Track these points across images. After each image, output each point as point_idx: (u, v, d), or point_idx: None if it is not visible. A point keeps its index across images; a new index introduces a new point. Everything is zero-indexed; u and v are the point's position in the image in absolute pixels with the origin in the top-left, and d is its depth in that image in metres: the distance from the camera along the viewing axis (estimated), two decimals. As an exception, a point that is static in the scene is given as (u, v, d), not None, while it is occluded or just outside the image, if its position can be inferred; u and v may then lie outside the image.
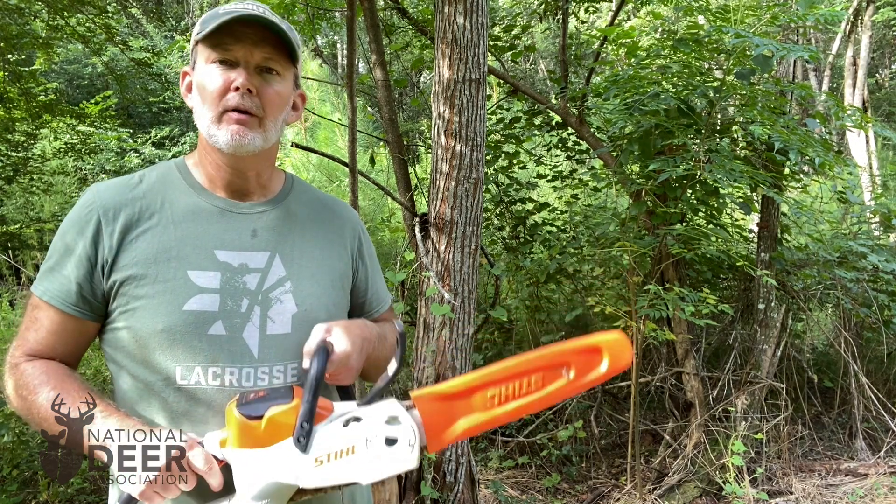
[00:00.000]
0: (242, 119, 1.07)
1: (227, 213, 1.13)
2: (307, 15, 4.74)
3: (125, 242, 1.06)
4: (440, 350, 2.77)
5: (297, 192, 1.25)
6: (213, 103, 1.07)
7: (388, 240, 5.84)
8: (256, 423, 0.89)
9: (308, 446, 0.89)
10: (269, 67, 1.09)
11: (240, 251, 1.11)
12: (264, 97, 1.08)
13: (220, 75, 1.07)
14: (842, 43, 10.16)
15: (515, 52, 4.74)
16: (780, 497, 3.48)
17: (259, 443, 0.89)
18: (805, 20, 3.35)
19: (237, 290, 1.08)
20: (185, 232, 1.09)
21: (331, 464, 0.89)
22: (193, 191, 1.13)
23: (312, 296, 1.15)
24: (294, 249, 1.16)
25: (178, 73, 1.20)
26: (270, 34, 1.07)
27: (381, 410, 0.94)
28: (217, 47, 1.07)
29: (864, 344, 4.54)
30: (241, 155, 1.09)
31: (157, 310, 1.03)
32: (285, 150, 6.24)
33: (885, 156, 10.79)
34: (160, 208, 1.10)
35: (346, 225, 1.28)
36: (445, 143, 2.70)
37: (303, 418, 0.89)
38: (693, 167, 3.36)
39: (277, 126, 1.13)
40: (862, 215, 4.74)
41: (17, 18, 5.09)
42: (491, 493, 3.50)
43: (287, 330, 1.10)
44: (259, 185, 1.17)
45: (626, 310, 3.50)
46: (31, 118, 5.73)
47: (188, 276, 1.06)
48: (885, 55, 17.86)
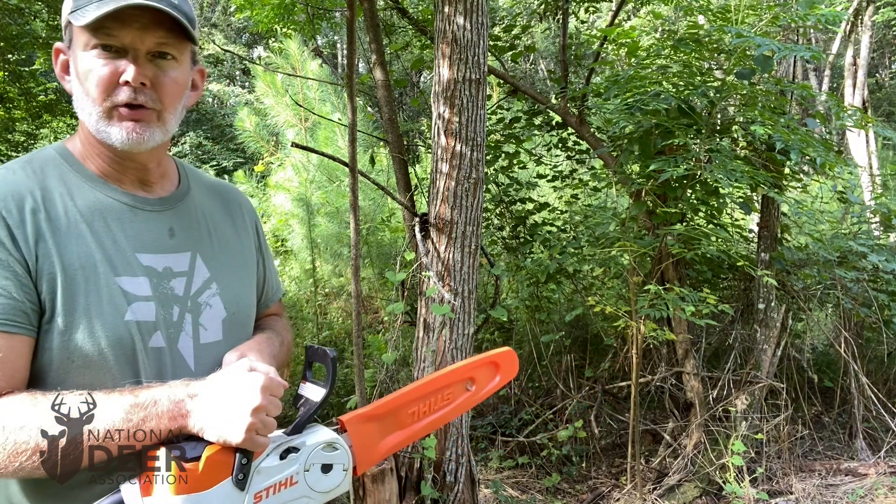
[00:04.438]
0: (137, 115, 0.94)
1: (137, 211, 1.01)
2: (307, 15, 4.74)
3: (39, 242, 0.91)
4: (440, 350, 2.77)
5: (193, 180, 1.14)
6: (100, 98, 0.93)
7: (388, 240, 5.83)
8: (194, 464, 0.82)
9: (248, 483, 0.85)
10: (162, 52, 0.95)
11: (161, 253, 1.00)
12: (161, 88, 0.95)
13: (106, 65, 0.92)
14: (842, 43, 10.16)
15: (515, 52, 4.74)
16: (780, 497, 3.48)
17: (197, 486, 0.82)
18: (806, 20, 3.34)
19: (167, 296, 0.98)
20: (100, 233, 0.96)
21: (269, 498, 0.88)
22: (91, 184, 0.99)
23: (238, 295, 1.09)
24: (212, 246, 1.08)
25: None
26: (161, 14, 0.92)
27: (317, 438, 0.93)
28: (98, 31, 0.91)
29: (864, 344, 4.54)
30: (138, 151, 0.97)
31: (95, 323, 0.91)
32: (285, 150, 6.23)
33: (885, 156, 10.79)
34: (61, 203, 0.95)
35: (245, 213, 1.21)
36: (445, 143, 2.70)
37: (242, 455, 0.85)
38: (693, 167, 3.36)
39: (177, 115, 1.01)
40: (862, 215, 4.74)
41: (17, 18, 5.09)
42: (491, 492, 3.50)
43: (219, 337, 1.04)
44: (160, 175, 1.06)
45: (626, 310, 3.50)
46: (31, 118, 5.73)
47: (119, 284, 0.94)
48: (885, 55, 17.86)
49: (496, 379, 1.16)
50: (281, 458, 0.89)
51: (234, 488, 0.84)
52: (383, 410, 1.03)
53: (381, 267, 5.54)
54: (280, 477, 0.88)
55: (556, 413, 4.25)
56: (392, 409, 1.04)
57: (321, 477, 0.92)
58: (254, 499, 0.86)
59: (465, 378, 1.12)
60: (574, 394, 4.23)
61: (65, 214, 0.94)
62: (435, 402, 1.08)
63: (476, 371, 1.14)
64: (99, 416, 0.85)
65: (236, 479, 0.84)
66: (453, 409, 1.10)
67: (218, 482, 0.83)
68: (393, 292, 4.54)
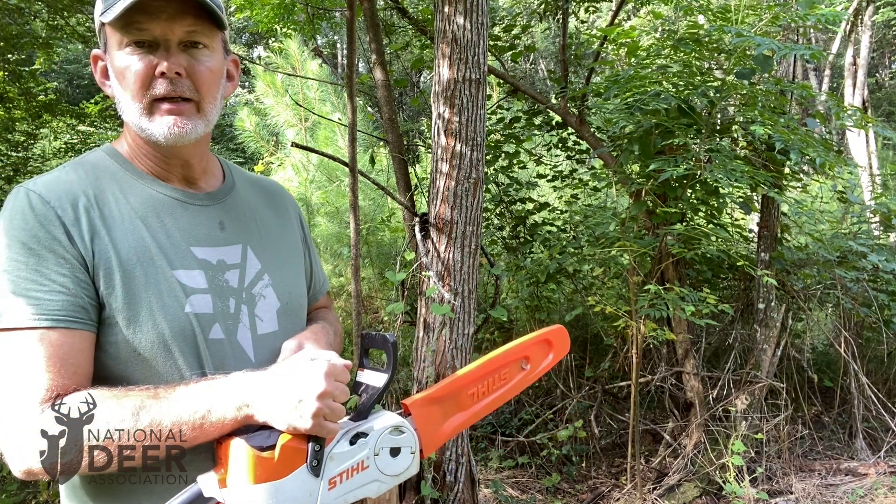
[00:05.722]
0: (177, 109, 0.95)
1: (187, 206, 1.02)
2: (307, 15, 4.74)
3: (95, 239, 0.92)
4: (440, 350, 2.77)
5: (237, 175, 1.16)
6: (138, 94, 0.94)
7: (388, 240, 5.83)
8: (270, 453, 0.83)
9: (322, 470, 0.87)
10: (194, 41, 0.96)
11: (213, 247, 1.01)
12: (196, 77, 0.96)
13: (140, 60, 0.93)
14: (842, 43, 10.16)
15: (515, 52, 4.74)
16: (780, 497, 3.48)
17: (274, 474, 0.83)
18: (806, 20, 3.34)
19: (223, 289, 0.99)
20: (154, 227, 0.97)
21: (343, 484, 0.89)
22: (141, 181, 1.00)
23: (290, 286, 1.10)
24: (261, 239, 1.09)
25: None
26: (187, 3, 0.93)
27: (384, 422, 0.94)
28: (129, 27, 0.92)
29: (864, 344, 4.54)
30: (182, 145, 0.98)
31: (158, 315, 0.92)
32: (285, 150, 6.23)
33: (885, 155, 10.79)
34: (115, 201, 0.96)
35: (290, 207, 1.22)
36: (445, 143, 2.70)
37: (316, 441, 0.86)
38: (693, 167, 3.35)
39: (217, 106, 1.01)
40: (862, 215, 4.74)
41: (17, 18, 5.09)
42: (491, 492, 3.50)
43: (275, 327, 1.05)
44: (202, 171, 1.07)
45: (626, 309, 3.50)
46: (31, 118, 5.73)
47: (176, 277, 0.95)
48: (885, 55, 17.86)
49: (549, 357, 1.18)
50: (351, 443, 0.90)
51: (309, 475, 0.85)
52: (445, 392, 1.04)
53: (381, 267, 5.54)
54: (352, 462, 0.89)
55: (556, 413, 4.26)
56: (453, 391, 1.05)
57: (390, 461, 0.93)
58: (328, 484, 0.87)
59: (521, 357, 1.14)
60: (574, 394, 4.23)
61: (118, 211, 0.95)
62: (493, 382, 1.09)
63: (530, 349, 1.15)
64: (166, 409, 0.85)
65: (311, 465, 0.85)
66: (510, 388, 1.12)
67: (293, 470, 0.84)
68: (393, 292, 4.53)
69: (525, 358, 1.14)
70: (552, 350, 1.17)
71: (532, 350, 1.15)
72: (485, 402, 1.08)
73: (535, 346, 1.16)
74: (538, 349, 1.16)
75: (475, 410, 1.07)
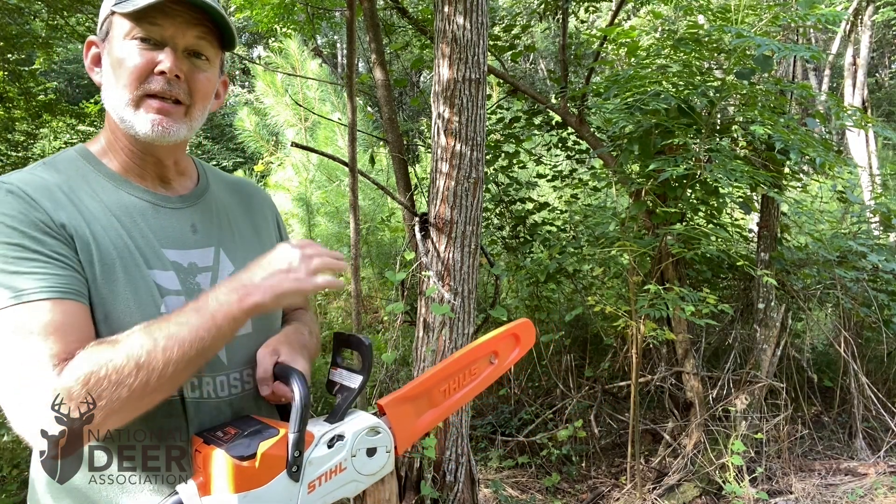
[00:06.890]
0: (166, 108, 0.96)
1: (159, 209, 1.02)
2: (307, 15, 4.74)
3: (77, 229, 0.92)
4: (440, 350, 2.77)
5: (212, 177, 1.16)
6: (131, 85, 0.95)
7: (388, 240, 5.84)
8: (251, 462, 0.84)
9: (301, 474, 0.88)
10: (198, 52, 0.98)
11: (184, 249, 1.01)
12: (193, 83, 0.98)
13: (141, 54, 0.94)
14: (842, 43, 10.16)
15: (515, 52, 4.74)
16: (780, 496, 3.48)
17: (255, 482, 0.84)
18: (806, 20, 3.34)
19: (194, 291, 0.99)
20: (128, 226, 0.97)
21: (322, 486, 0.90)
22: (113, 183, 1.00)
23: None
24: (234, 241, 1.09)
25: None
26: (204, 15, 0.96)
27: (360, 424, 0.96)
28: (142, 21, 0.94)
29: (864, 343, 4.54)
30: (161, 144, 0.99)
31: (134, 313, 0.91)
32: (285, 149, 6.23)
33: (885, 155, 10.80)
34: (89, 198, 0.96)
35: (266, 207, 1.23)
36: (445, 143, 2.70)
37: (294, 448, 0.87)
38: (693, 167, 3.36)
39: (203, 115, 1.03)
40: (862, 215, 4.74)
41: (17, 18, 5.09)
42: (491, 492, 3.50)
43: (248, 329, 1.04)
44: (177, 172, 1.08)
45: (626, 309, 3.50)
46: (30, 118, 5.73)
47: (153, 277, 0.96)
48: (885, 55, 17.86)
49: (516, 350, 1.21)
50: (329, 446, 0.92)
51: (289, 480, 0.86)
52: (418, 391, 1.06)
53: (381, 267, 5.54)
54: (330, 465, 0.91)
55: (556, 413, 4.26)
56: (425, 389, 1.07)
57: (367, 461, 0.95)
58: (308, 488, 0.88)
59: (489, 352, 1.17)
60: (574, 393, 4.23)
61: (95, 207, 0.96)
62: (463, 378, 1.13)
63: (499, 344, 1.19)
64: (176, 324, 0.85)
65: (290, 471, 0.86)
66: (479, 382, 1.15)
67: (274, 476, 0.85)
68: (393, 292, 4.53)
69: (494, 353, 1.18)
70: (519, 344, 1.21)
71: (500, 345, 1.19)
72: (456, 397, 1.11)
73: (502, 340, 1.19)
74: (506, 343, 1.20)
75: (447, 406, 1.10)
